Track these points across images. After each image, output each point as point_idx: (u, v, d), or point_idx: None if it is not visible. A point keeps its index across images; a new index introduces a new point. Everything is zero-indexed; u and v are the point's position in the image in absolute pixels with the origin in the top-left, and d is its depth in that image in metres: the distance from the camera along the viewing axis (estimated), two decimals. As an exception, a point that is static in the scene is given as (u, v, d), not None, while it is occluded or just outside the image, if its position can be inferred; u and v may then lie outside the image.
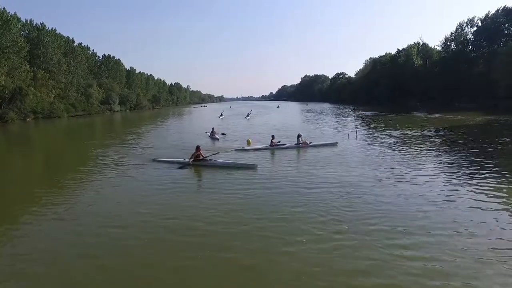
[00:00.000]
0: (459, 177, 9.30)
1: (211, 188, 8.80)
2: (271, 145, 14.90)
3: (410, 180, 9.09)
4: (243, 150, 14.84)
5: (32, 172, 12.46)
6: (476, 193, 7.74)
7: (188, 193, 8.48)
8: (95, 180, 10.10)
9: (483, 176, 9.29)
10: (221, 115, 45.28)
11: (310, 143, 15.31)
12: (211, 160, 11.71)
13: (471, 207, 6.85)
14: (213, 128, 21.18)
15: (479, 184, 8.48)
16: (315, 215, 6.46)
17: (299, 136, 15.49)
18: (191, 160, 11.69)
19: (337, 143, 15.87)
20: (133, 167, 11.75)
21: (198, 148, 12.04)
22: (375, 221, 6.09)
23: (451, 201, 7.25)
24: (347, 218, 6.29)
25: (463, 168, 10.31)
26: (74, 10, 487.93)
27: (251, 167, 11.14)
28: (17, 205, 7.99)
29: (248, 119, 38.00)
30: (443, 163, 11.36)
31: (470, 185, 8.46)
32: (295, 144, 15.17)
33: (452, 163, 11.29)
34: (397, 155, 13.07)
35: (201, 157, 11.79)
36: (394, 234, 5.54)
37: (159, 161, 12.40)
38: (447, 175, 9.61)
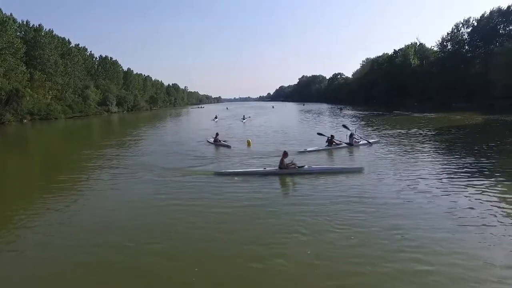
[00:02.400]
0: (478, 185, 8.22)
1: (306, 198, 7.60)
2: (329, 145, 15.07)
3: (424, 189, 8.12)
4: (306, 152, 14.07)
5: (26, 176, 12.03)
6: (503, 207, 6.71)
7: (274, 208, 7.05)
8: (96, 190, 9.06)
9: (505, 184, 8.31)
10: (216, 117, 40.22)
11: (359, 142, 15.85)
12: (303, 166, 10.07)
13: (501, 224, 5.82)
14: (217, 134, 18.02)
15: (504, 195, 7.48)
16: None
17: (351, 135, 15.91)
18: (278, 168, 10.09)
19: (379, 140, 16.85)
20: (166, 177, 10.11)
21: (285, 153, 10.33)
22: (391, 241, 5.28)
23: (476, 218, 6.14)
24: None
25: (481, 176, 9.22)
26: (73, 10, 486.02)
27: (357, 170, 9.98)
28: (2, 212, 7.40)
29: (244, 122, 34.68)
30: (454, 167, 10.35)
31: (495, 197, 7.37)
32: (348, 142, 15.64)
33: (465, 168, 10.19)
34: (402, 157, 12.72)
35: (288, 164, 10.11)
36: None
37: (225, 173, 10.17)
38: (461, 182, 8.61)
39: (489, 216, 6.24)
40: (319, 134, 16.62)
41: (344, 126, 17.94)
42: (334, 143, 15.09)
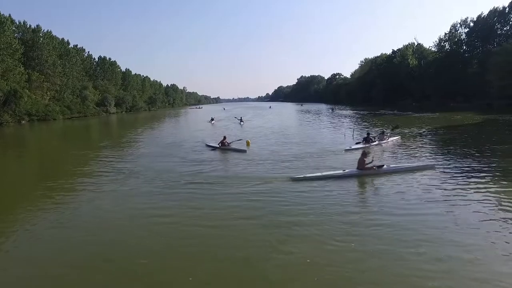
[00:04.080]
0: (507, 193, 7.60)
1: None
2: (366, 143, 15.42)
3: (432, 191, 7.83)
4: (351, 149, 14.34)
5: (18, 180, 11.74)
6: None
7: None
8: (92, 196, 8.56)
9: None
10: (212, 119, 37.48)
11: (389, 139, 16.49)
12: (382, 166, 9.69)
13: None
14: (224, 137, 15.96)
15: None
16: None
17: (383, 132, 16.85)
18: (357, 169, 9.64)
19: (400, 137, 17.47)
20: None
21: (364, 153, 9.92)
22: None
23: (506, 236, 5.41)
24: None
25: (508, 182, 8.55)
26: (71, 11, 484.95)
27: (430, 167, 10.01)
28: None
29: (241, 124, 32.18)
30: (478, 170, 9.74)
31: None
32: (381, 141, 16.15)
33: (490, 172, 9.58)
34: (403, 157, 12.60)
35: (368, 164, 9.61)
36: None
37: (302, 179, 9.24)
38: (472, 185, 8.13)
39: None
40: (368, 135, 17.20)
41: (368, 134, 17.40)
42: (371, 141, 15.52)
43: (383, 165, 9.63)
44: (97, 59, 78.57)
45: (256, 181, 9.36)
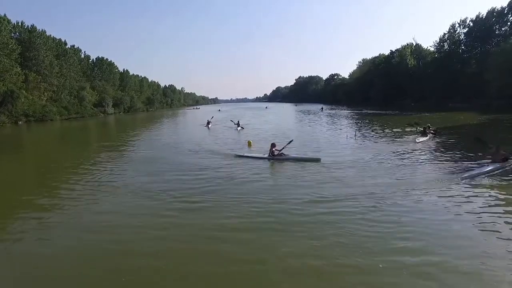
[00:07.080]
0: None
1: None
2: (423, 135, 16.59)
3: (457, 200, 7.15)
4: (419, 142, 15.47)
5: (9, 183, 11.20)
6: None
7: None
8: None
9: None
10: (209, 123, 31.51)
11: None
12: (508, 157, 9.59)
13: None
14: (273, 144, 12.43)
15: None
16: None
17: (429, 127, 17.73)
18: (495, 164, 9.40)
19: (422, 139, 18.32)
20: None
21: (498, 148, 9.81)
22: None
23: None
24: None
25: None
26: (69, 11, 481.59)
27: None
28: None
29: (239, 129, 26.84)
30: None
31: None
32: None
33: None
34: (414, 160, 11.79)
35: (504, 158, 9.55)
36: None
37: (470, 177, 8.58)
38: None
39: None
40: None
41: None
42: (426, 135, 16.56)
43: (510, 158, 9.61)
44: (94, 60, 78.15)
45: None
